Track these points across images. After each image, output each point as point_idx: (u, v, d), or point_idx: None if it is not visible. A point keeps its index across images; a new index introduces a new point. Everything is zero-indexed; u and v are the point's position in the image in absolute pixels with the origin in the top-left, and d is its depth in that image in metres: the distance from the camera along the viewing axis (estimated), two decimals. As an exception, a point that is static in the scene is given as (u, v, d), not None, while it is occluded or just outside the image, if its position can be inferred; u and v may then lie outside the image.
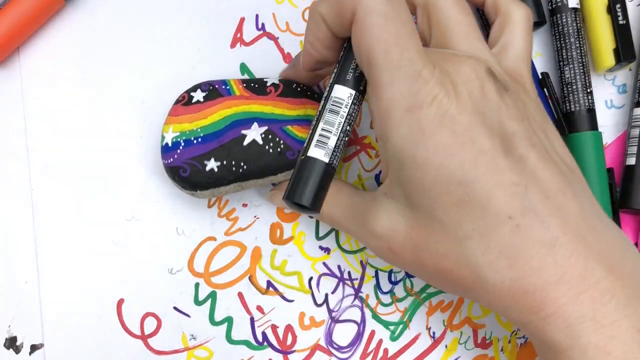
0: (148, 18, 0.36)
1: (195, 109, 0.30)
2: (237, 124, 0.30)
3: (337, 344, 0.34)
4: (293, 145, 0.30)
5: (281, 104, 0.31)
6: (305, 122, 0.31)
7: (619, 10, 0.34)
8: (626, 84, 0.37)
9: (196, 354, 0.34)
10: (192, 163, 0.30)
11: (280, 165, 0.30)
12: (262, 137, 0.30)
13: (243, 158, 0.30)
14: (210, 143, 0.30)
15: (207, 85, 0.31)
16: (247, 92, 0.31)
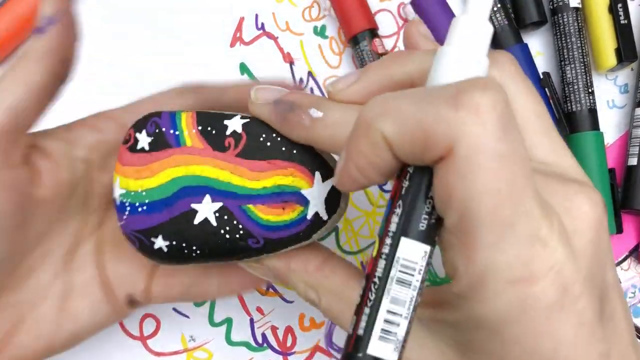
0: (148, 18, 0.36)
1: (140, 161, 0.24)
2: (187, 192, 0.23)
3: (338, 346, 0.34)
4: (256, 231, 0.23)
5: (241, 170, 0.23)
6: (274, 197, 0.22)
7: (620, 9, 0.34)
8: (628, 84, 0.36)
9: (195, 355, 0.34)
10: (139, 237, 0.24)
11: (241, 252, 0.23)
12: (217, 217, 0.23)
13: (195, 240, 0.23)
14: (158, 214, 0.24)
15: (153, 127, 0.24)
16: (201, 140, 0.23)
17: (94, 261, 0.27)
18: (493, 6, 0.34)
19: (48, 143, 0.26)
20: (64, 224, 0.26)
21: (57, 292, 0.26)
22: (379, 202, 0.35)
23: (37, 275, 0.26)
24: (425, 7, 0.34)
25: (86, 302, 0.26)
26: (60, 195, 0.25)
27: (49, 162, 0.25)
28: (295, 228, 0.22)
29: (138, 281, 0.26)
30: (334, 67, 0.36)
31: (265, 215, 0.22)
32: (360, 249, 0.35)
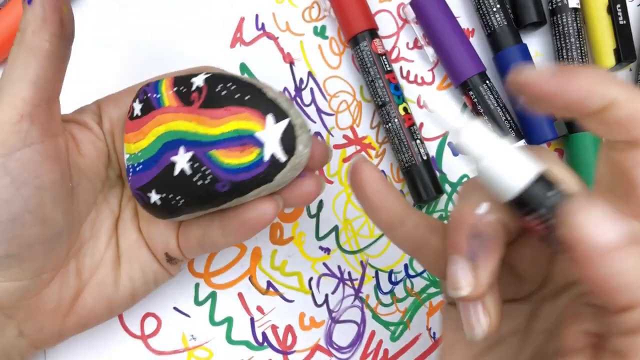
0: (148, 18, 0.36)
1: (137, 126, 0.27)
2: (168, 147, 0.25)
3: (337, 345, 0.34)
4: (221, 175, 0.24)
5: (203, 119, 0.24)
6: (232, 141, 0.24)
7: (619, 10, 0.34)
8: (626, 84, 0.37)
9: (196, 354, 0.34)
10: (139, 194, 0.27)
11: (215, 197, 0.25)
12: (190, 166, 0.25)
13: (177, 191, 0.25)
14: (150, 171, 0.26)
15: (143, 94, 0.27)
16: (175, 99, 0.26)
17: (136, 227, 0.29)
18: (493, 6, 0.34)
19: (84, 116, 0.28)
20: (107, 194, 0.29)
21: (111, 256, 0.29)
22: (379, 202, 0.35)
23: (93, 242, 0.29)
24: (425, 8, 0.34)
25: (137, 263, 0.29)
26: (100, 164, 0.28)
27: (88, 133, 0.28)
28: (255, 170, 0.24)
29: (170, 239, 0.29)
30: (334, 67, 0.36)
31: (227, 159, 0.24)
32: (360, 249, 0.35)
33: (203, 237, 0.28)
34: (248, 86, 0.24)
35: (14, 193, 0.23)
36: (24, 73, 0.23)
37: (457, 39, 0.34)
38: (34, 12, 0.23)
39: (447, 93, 0.36)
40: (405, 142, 0.34)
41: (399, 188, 0.36)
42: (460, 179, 0.36)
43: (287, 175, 0.24)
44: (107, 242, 0.29)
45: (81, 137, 0.27)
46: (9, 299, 0.25)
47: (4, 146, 0.23)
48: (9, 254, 0.24)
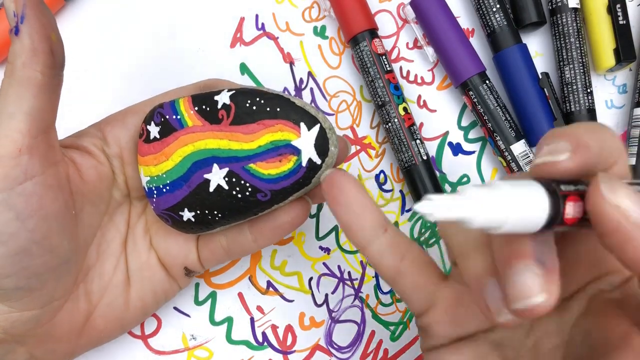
0: (148, 18, 0.36)
1: (156, 148, 0.27)
2: (198, 165, 0.26)
3: (337, 344, 0.34)
4: (262, 186, 0.25)
5: (236, 135, 0.25)
6: (270, 152, 0.25)
7: (619, 10, 0.34)
8: (626, 84, 0.37)
9: (196, 354, 0.34)
10: (169, 214, 0.27)
11: (255, 207, 0.26)
12: (227, 181, 0.26)
13: (214, 206, 0.26)
14: (180, 190, 0.27)
15: (159, 117, 0.27)
16: (199, 119, 0.26)
17: (147, 245, 0.30)
18: (493, 6, 0.34)
19: (84, 141, 0.28)
20: (113, 216, 0.29)
21: (120, 277, 0.29)
22: (379, 202, 0.36)
23: (100, 265, 0.28)
24: (425, 8, 0.34)
25: (148, 283, 0.29)
26: (103, 188, 0.28)
27: (88, 157, 0.28)
28: (295, 176, 0.25)
29: (189, 253, 0.29)
30: (334, 67, 0.36)
31: (266, 170, 0.25)
32: (360, 249, 0.35)
33: (232, 245, 0.28)
34: (276, 98, 0.25)
35: (19, 226, 0.23)
36: (19, 106, 0.23)
37: (457, 39, 0.34)
38: (22, 43, 0.22)
39: (447, 92, 0.36)
40: (405, 142, 0.34)
41: (399, 188, 0.36)
42: (460, 178, 0.36)
43: (322, 176, 0.25)
44: (115, 263, 0.29)
45: (82, 162, 0.27)
46: (21, 328, 0.25)
47: (6, 181, 0.23)
48: (19, 286, 0.24)
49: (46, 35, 0.23)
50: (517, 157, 0.33)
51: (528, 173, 0.18)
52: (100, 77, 0.36)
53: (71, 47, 0.36)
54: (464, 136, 0.36)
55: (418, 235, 0.35)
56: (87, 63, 0.36)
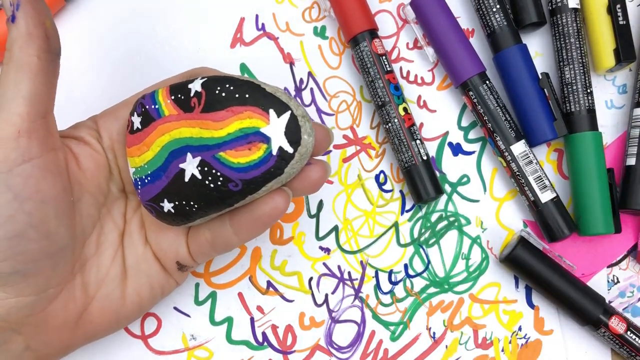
0: (148, 18, 0.36)
1: (139, 139, 0.27)
2: (175, 155, 0.26)
3: (337, 344, 0.34)
4: (232, 175, 0.24)
5: (206, 123, 0.25)
6: (239, 140, 0.24)
7: (619, 10, 0.34)
8: (626, 84, 0.37)
9: (196, 354, 0.34)
10: (152, 205, 0.27)
11: (228, 198, 0.25)
12: (199, 170, 0.25)
13: (190, 197, 0.26)
14: (159, 181, 0.26)
15: (140, 107, 0.27)
16: (175, 107, 0.26)
17: (143, 239, 0.30)
18: (493, 7, 0.34)
19: (80, 131, 0.28)
20: (110, 208, 0.29)
21: (117, 271, 0.29)
22: (379, 202, 0.36)
23: (98, 257, 0.29)
24: (425, 8, 0.34)
25: (144, 277, 0.29)
26: (100, 178, 0.28)
27: (86, 147, 0.28)
28: (265, 165, 0.24)
29: (180, 247, 0.29)
30: (334, 67, 0.36)
31: (236, 159, 0.24)
32: (360, 249, 0.35)
33: (215, 238, 0.28)
34: (246, 84, 0.24)
35: (17, 208, 0.23)
36: (17, 90, 0.23)
37: (457, 39, 0.34)
38: (18, 28, 0.23)
39: (447, 93, 0.36)
40: (405, 142, 0.34)
41: (399, 188, 0.36)
42: (460, 179, 0.36)
43: (296, 166, 0.24)
44: (112, 256, 0.29)
45: (79, 151, 0.28)
46: (16, 314, 0.25)
47: (5, 162, 0.23)
48: (15, 270, 0.24)
49: (41, 20, 0.24)
50: (517, 157, 0.33)
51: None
52: (100, 77, 0.36)
53: (71, 47, 0.36)
54: (464, 136, 0.36)
55: (418, 235, 0.35)
56: (87, 63, 0.36)
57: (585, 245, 0.35)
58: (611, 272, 0.35)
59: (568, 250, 0.35)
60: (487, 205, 0.36)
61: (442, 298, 0.35)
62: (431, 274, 0.35)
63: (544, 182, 0.34)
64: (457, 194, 0.36)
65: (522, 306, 0.35)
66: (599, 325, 0.33)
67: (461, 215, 0.35)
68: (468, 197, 0.36)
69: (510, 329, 0.35)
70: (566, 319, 0.35)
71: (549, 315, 0.35)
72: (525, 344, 0.35)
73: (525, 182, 0.33)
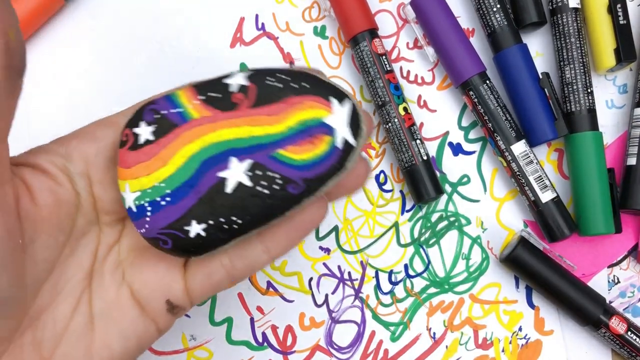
0: (148, 18, 0.36)
1: (147, 154, 0.22)
2: (210, 164, 0.21)
3: (337, 345, 0.34)
4: (294, 175, 0.21)
5: (259, 119, 0.21)
6: (301, 134, 0.21)
7: (619, 10, 0.34)
8: (627, 84, 0.37)
9: (196, 355, 0.34)
10: (169, 232, 0.22)
11: (284, 205, 0.21)
12: (250, 176, 0.21)
13: (233, 211, 0.21)
14: (185, 199, 0.21)
15: (151, 114, 0.22)
16: (207, 108, 0.22)
17: (118, 280, 0.24)
18: (493, 6, 0.34)
19: (40, 158, 0.23)
20: (75, 248, 0.24)
21: (81, 321, 0.23)
22: (379, 202, 0.35)
23: (55, 307, 0.23)
24: (425, 8, 0.34)
25: (115, 325, 0.23)
26: (62, 215, 0.23)
27: (44, 178, 0.22)
28: (329, 160, 0.21)
29: (173, 283, 0.24)
30: (334, 67, 0.36)
31: (299, 155, 0.21)
32: (360, 249, 0.35)
33: (237, 261, 0.24)
34: (301, 73, 0.21)
35: None
36: None
37: (457, 39, 0.34)
38: None
39: (447, 92, 0.36)
40: (405, 142, 0.34)
41: (399, 188, 0.36)
42: (460, 179, 0.36)
43: (354, 160, 0.22)
44: (73, 305, 0.23)
45: (35, 183, 0.22)
46: None
47: None
48: None
49: (3, 30, 0.19)
50: (517, 157, 0.33)
51: None
52: (100, 77, 0.36)
53: (71, 47, 0.36)
54: (464, 136, 0.36)
55: (418, 235, 0.35)
56: (87, 63, 0.36)
57: (586, 246, 0.35)
58: (612, 272, 0.35)
59: (568, 250, 0.35)
60: (488, 205, 0.36)
61: (442, 298, 0.35)
62: (431, 274, 0.35)
63: (544, 182, 0.33)
64: (458, 194, 0.36)
65: (523, 306, 0.35)
66: (600, 325, 0.33)
67: (461, 216, 0.35)
68: (468, 197, 0.36)
69: (511, 329, 0.35)
70: (566, 319, 0.35)
71: (549, 316, 0.35)
72: (525, 344, 0.35)
73: (525, 182, 0.33)
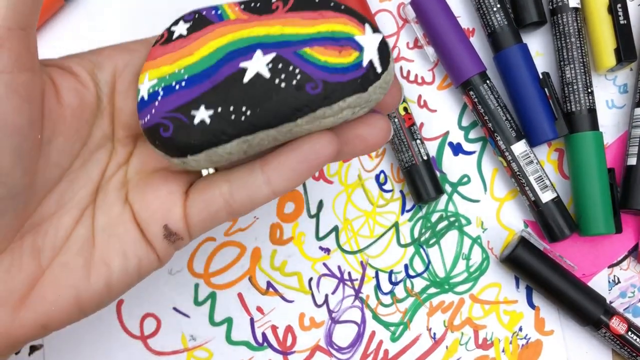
0: (148, 18, 0.36)
1: (177, 46, 0.22)
2: (234, 55, 0.22)
3: (337, 345, 0.34)
4: (315, 74, 0.21)
5: (293, 21, 0.22)
6: (330, 40, 0.21)
7: (620, 10, 0.34)
8: (627, 84, 0.37)
9: (196, 355, 0.34)
10: (174, 116, 0.21)
11: (298, 103, 0.21)
12: (270, 68, 0.21)
13: (245, 100, 0.21)
14: (199, 86, 0.22)
15: (192, 14, 0.23)
16: (244, 13, 0.22)
17: (122, 198, 0.23)
18: (493, 6, 0.34)
19: (71, 61, 0.23)
20: (87, 160, 0.23)
21: (83, 234, 0.23)
22: (379, 202, 0.35)
23: (59, 217, 0.22)
24: (425, 8, 0.34)
25: (117, 242, 0.23)
26: (82, 119, 0.22)
27: (72, 80, 0.22)
28: (353, 73, 0.21)
29: (173, 206, 0.23)
30: (334, 67, 0.36)
31: (323, 57, 0.21)
32: (360, 249, 0.35)
33: (236, 191, 0.22)
34: (339, 1, 0.22)
35: None
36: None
37: (457, 39, 0.34)
38: None
39: (447, 92, 0.36)
40: (405, 142, 0.34)
41: (399, 188, 0.36)
42: (460, 179, 0.36)
43: (377, 92, 0.22)
44: (77, 216, 0.23)
45: (62, 82, 0.22)
46: None
47: None
48: None
49: None
50: (517, 157, 0.33)
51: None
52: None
53: (70, 47, 0.36)
54: (464, 136, 0.36)
55: (418, 235, 0.35)
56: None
57: (586, 246, 0.35)
58: (612, 272, 0.35)
59: (569, 250, 0.35)
60: (488, 205, 0.36)
61: (442, 298, 0.35)
62: (431, 274, 0.35)
63: (544, 182, 0.33)
64: (458, 194, 0.36)
65: (523, 306, 0.35)
66: (600, 325, 0.33)
67: (462, 216, 0.35)
68: (468, 197, 0.36)
69: (511, 329, 0.35)
70: (567, 320, 0.35)
71: (549, 316, 0.35)
72: (525, 344, 0.35)
73: (525, 182, 0.33)
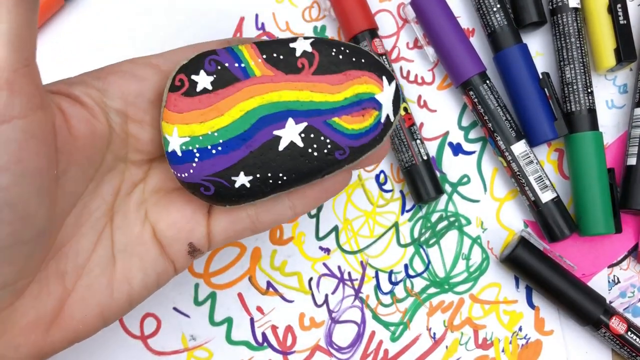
0: (148, 18, 0.36)
1: (205, 102, 0.23)
2: (267, 121, 0.23)
3: (337, 345, 0.34)
4: (343, 142, 0.23)
5: (321, 86, 0.23)
6: (355, 106, 0.23)
7: (619, 10, 0.34)
8: (627, 84, 0.37)
9: (196, 355, 0.34)
10: (215, 180, 0.23)
11: (328, 167, 0.24)
12: (302, 138, 0.23)
13: (281, 167, 0.23)
14: (237, 151, 0.23)
15: (213, 65, 0.23)
16: (270, 68, 0.23)
17: (141, 217, 0.25)
18: (493, 6, 0.34)
19: (76, 89, 0.23)
20: (100, 182, 0.24)
21: (103, 254, 0.24)
22: (379, 202, 0.35)
23: (78, 240, 0.23)
24: (425, 8, 0.34)
25: (137, 261, 0.24)
26: (94, 147, 0.23)
27: (81, 109, 0.22)
28: (373, 133, 0.24)
29: (197, 226, 0.25)
30: (334, 67, 0.36)
31: (350, 125, 0.23)
32: (360, 249, 0.35)
33: (263, 213, 0.25)
34: (357, 49, 0.24)
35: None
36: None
37: (457, 39, 0.34)
38: None
39: (447, 92, 0.36)
40: (405, 142, 0.34)
41: (399, 188, 0.36)
42: (460, 179, 0.36)
43: (389, 135, 0.24)
44: (95, 238, 0.24)
45: (72, 112, 0.22)
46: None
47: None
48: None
49: None
50: (517, 157, 0.33)
51: None
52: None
53: (70, 47, 0.36)
54: (464, 136, 0.36)
55: (418, 235, 0.35)
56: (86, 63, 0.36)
57: (586, 246, 0.35)
58: (612, 272, 0.35)
59: (568, 250, 0.35)
60: (488, 205, 0.36)
61: (442, 298, 0.35)
62: (431, 274, 0.35)
63: (544, 182, 0.33)
64: (458, 194, 0.36)
65: (523, 306, 0.35)
66: (600, 325, 0.33)
67: (461, 216, 0.35)
68: (468, 197, 0.36)
69: (511, 329, 0.35)
70: (567, 320, 0.35)
71: (549, 316, 0.35)
72: (525, 344, 0.35)
73: (525, 182, 0.33)
